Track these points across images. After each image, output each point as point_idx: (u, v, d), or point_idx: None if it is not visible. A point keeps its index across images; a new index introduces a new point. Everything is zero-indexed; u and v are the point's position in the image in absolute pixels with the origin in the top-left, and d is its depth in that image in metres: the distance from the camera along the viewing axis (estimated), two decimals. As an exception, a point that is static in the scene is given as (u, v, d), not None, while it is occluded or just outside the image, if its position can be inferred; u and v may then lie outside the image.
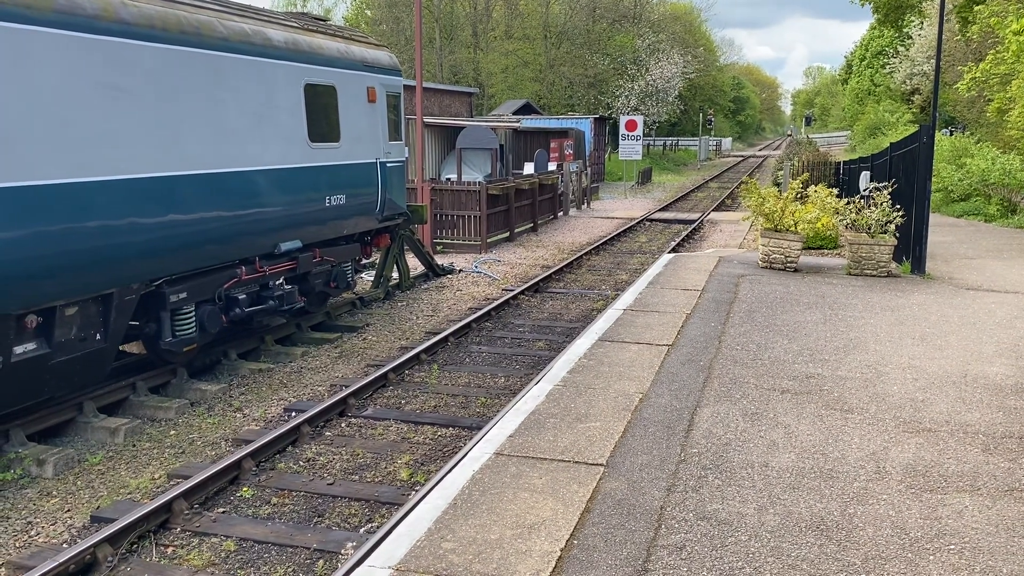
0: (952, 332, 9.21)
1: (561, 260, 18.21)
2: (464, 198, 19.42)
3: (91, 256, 7.54)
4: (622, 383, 7.21)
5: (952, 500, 5.05)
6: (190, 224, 8.76)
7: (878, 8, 22.00)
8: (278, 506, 6.61)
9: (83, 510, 6.60)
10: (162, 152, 8.33)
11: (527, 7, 58.70)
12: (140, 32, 8.02)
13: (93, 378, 8.17)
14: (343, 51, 11.86)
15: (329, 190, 11.36)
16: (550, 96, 55.09)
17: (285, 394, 9.39)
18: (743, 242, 19.90)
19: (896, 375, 7.57)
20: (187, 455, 7.70)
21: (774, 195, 13.79)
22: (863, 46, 77.01)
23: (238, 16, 9.75)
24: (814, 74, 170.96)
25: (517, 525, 4.67)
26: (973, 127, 37.86)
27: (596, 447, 5.78)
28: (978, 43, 31.90)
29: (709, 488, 5.18)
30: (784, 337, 8.87)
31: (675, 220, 26.56)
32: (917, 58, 48.87)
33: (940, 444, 5.93)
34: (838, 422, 6.35)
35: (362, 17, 59.50)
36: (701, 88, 74.02)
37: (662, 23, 62.42)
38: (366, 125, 12.44)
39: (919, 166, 12.66)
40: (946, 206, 24.22)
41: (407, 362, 10.12)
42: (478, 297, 14.55)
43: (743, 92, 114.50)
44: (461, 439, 7.89)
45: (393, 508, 6.43)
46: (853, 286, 11.89)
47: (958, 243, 17.01)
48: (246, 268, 9.92)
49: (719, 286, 11.76)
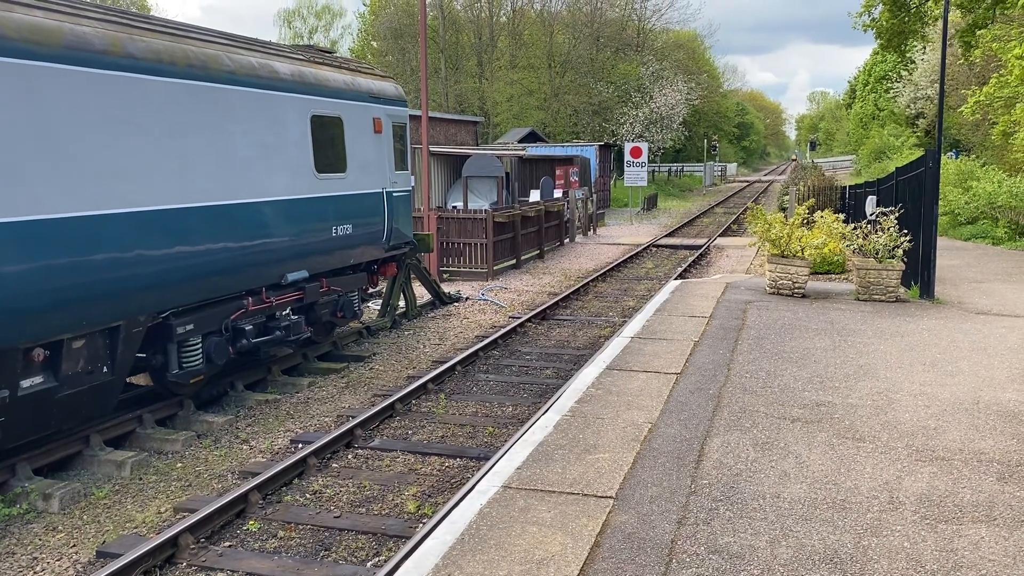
0: (963, 358, 9.14)
1: (568, 287, 18.19)
2: (470, 226, 19.46)
3: (99, 289, 7.55)
4: (631, 413, 7.15)
5: (968, 531, 4.97)
6: (197, 256, 8.78)
7: (880, 34, 22.09)
8: (285, 539, 6.55)
9: (89, 545, 6.54)
10: (169, 184, 8.37)
11: (531, 37, 59.26)
12: (148, 66, 8.09)
13: (100, 411, 8.15)
14: (349, 83, 11.95)
15: (336, 220, 11.39)
16: (555, 124, 55.42)
17: (292, 425, 9.35)
18: (750, 267, 19.86)
19: (907, 402, 7.50)
20: (194, 488, 7.66)
21: (780, 221, 13.77)
22: (866, 71, 77.41)
23: (245, 49, 9.84)
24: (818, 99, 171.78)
25: (525, 561, 4.61)
26: (978, 150, 37.88)
27: (605, 479, 5.72)
28: (981, 67, 32.02)
29: (720, 520, 5.11)
30: (793, 364, 8.81)
31: (681, 246, 26.55)
32: (921, 82, 49.09)
33: (954, 473, 5.85)
34: (850, 451, 6.28)
35: (368, 48, 60.16)
36: (705, 114, 74.44)
37: (665, 51, 62.91)
38: (372, 155, 12.50)
39: (925, 190, 12.64)
40: (953, 229, 24.17)
41: (414, 392, 10.08)
42: (485, 325, 14.52)
43: (747, 118, 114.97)
44: (469, 470, 7.83)
45: (400, 541, 6.36)
46: (862, 312, 11.83)
47: (966, 267, 16.94)
48: (253, 299, 9.92)
49: (727, 313, 11.71)
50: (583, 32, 57.84)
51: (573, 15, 59.03)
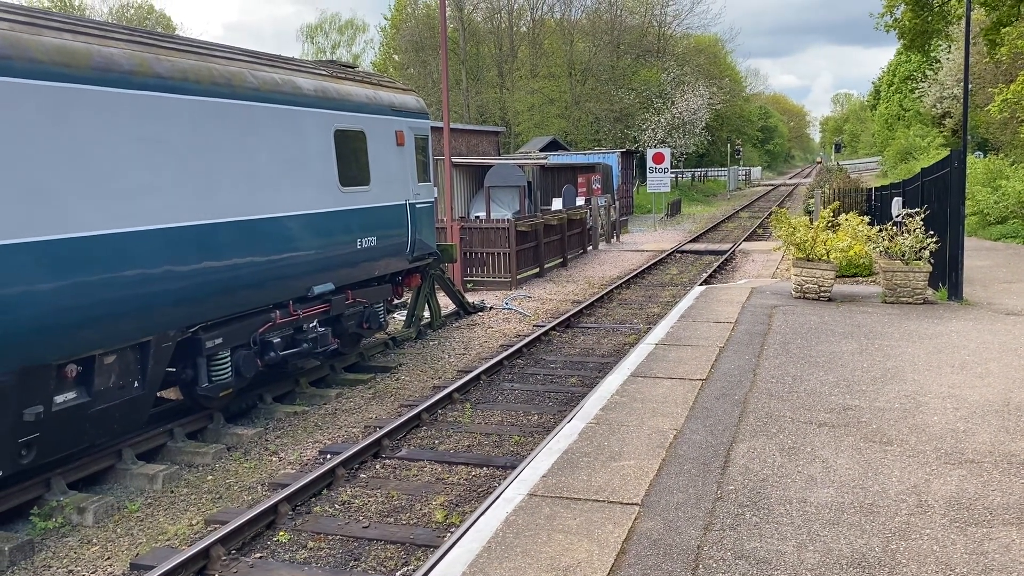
0: (992, 359, 9.03)
1: (592, 295, 18.19)
2: (493, 235, 19.54)
3: (129, 305, 7.69)
4: (656, 419, 7.15)
5: (998, 534, 4.92)
6: (225, 271, 8.91)
7: (903, 34, 21.93)
8: (314, 550, 6.62)
9: (123, 558, 6.65)
10: (197, 201, 8.51)
11: (551, 46, 59.42)
12: (174, 85, 8.25)
13: (132, 425, 8.28)
14: (371, 97, 12.07)
15: (360, 232, 11.50)
16: (576, 132, 55.48)
17: (320, 436, 9.43)
18: (775, 272, 19.73)
19: (936, 405, 7.43)
20: (224, 500, 7.76)
21: (805, 224, 13.70)
22: (891, 71, 76.69)
23: (268, 66, 9.99)
24: (842, 101, 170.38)
25: (552, 568, 4.63)
26: (1007, 148, 37.38)
27: (631, 486, 5.73)
28: (1008, 64, 31.63)
29: (747, 526, 5.10)
30: (820, 368, 8.75)
31: (706, 251, 26.44)
32: (946, 82, 48.55)
33: (984, 476, 5.79)
34: (877, 455, 6.24)
35: (390, 62, 60.67)
36: (728, 118, 74.11)
37: (686, 56, 62.76)
38: (395, 168, 12.61)
39: (951, 191, 12.52)
40: (982, 229, 23.86)
41: (440, 401, 10.13)
42: (509, 334, 14.56)
43: (771, 121, 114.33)
44: (495, 479, 7.86)
45: (429, 551, 6.40)
46: (888, 314, 11.73)
47: (996, 267, 16.72)
48: (280, 312, 10.04)
49: (752, 318, 11.66)
50: (603, 39, 57.93)
51: (593, 23, 59.13)
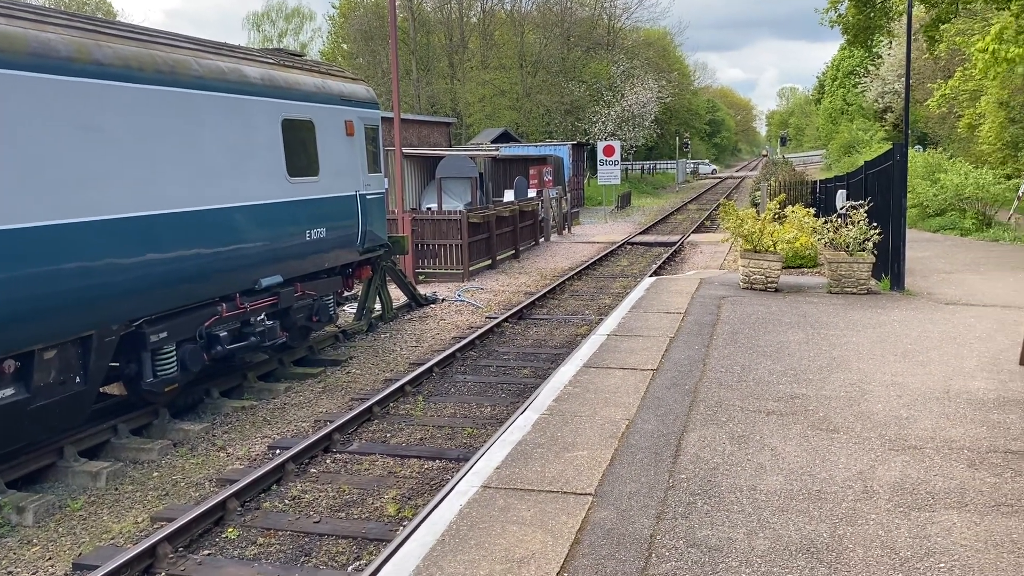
0: (933, 348, 9.28)
1: (544, 286, 18.23)
2: (445, 227, 19.45)
3: (70, 299, 7.47)
4: (608, 410, 7.19)
5: (940, 518, 5.06)
6: (170, 263, 8.71)
7: (847, 29, 22.33)
8: (264, 546, 6.51)
9: (65, 558, 6.47)
10: (140, 192, 8.30)
11: (502, 37, 59.30)
12: (115, 72, 8.01)
13: (73, 422, 8.06)
14: (320, 86, 11.90)
15: (309, 224, 11.34)
16: (528, 124, 55.48)
17: (269, 431, 9.29)
18: (724, 263, 20.01)
19: (880, 393, 7.60)
20: (171, 497, 7.59)
21: (752, 216, 13.89)
22: (834, 66, 78.29)
23: (213, 54, 9.77)
24: (787, 95, 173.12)
25: (506, 560, 4.62)
26: (945, 143, 38.45)
27: (584, 476, 5.75)
28: (946, 61, 32.50)
29: (698, 514, 5.15)
30: (767, 358, 8.89)
31: (656, 243, 26.70)
32: (888, 77, 49.73)
33: (926, 461, 5.95)
34: (824, 442, 6.36)
35: (339, 51, 59.88)
36: (677, 112, 74.83)
37: (636, 49, 63.17)
38: (345, 158, 12.46)
39: (894, 183, 12.81)
40: (922, 221, 24.51)
41: (392, 394, 10.06)
42: (462, 326, 14.52)
43: (718, 115, 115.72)
44: (448, 471, 7.83)
45: (381, 545, 6.35)
46: (834, 304, 11.97)
47: (936, 258, 17.19)
48: (227, 305, 9.85)
49: (701, 308, 11.80)
50: (553, 32, 57.96)
51: (543, 15, 59.11)
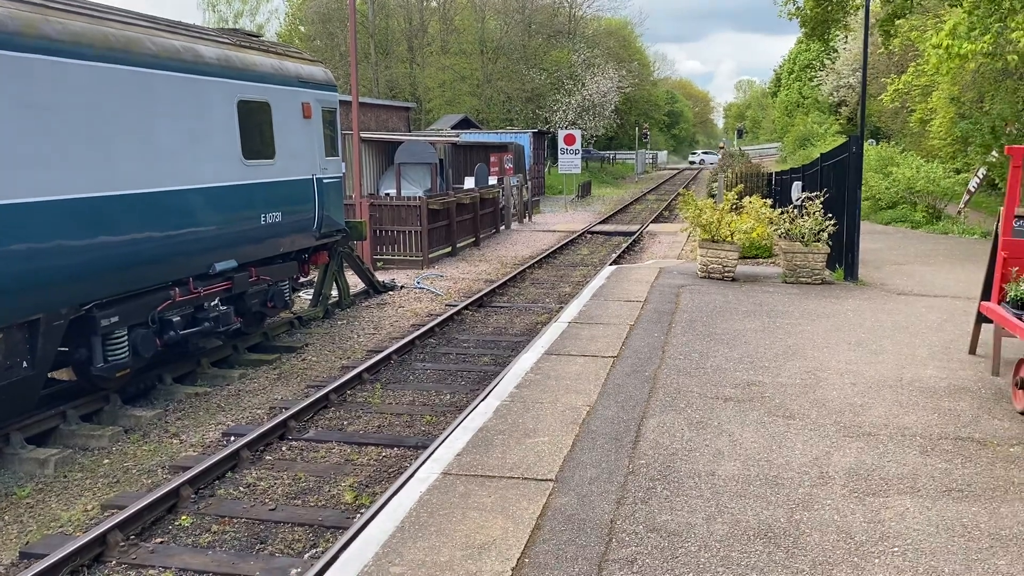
0: (886, 337, 9.45)
1: (504, 274, 18.20)
2: (404, 213, 19.30)
3: (16, 281, 7.24)
4: (569, 396, 7.20)
5: (894, 503, 5.15)
6: (121, 246, 8.49)
7: (805, 23, 22.57)
8: (219, 534, 6.40)
9: (11, 546, 6.29)
10: (91, 172, 8.06)
11: (463, 23, 58.95)
12: (65, 49, 7.76)
13: (20, 408, 7.83)
14: (277, 67, 11.68)
15: (264, 208, 11.15)
16: (488, 111, 55.32)
17: (223, 418, 9.14)
18: (682, 253, 20.18)
19: (835, 380, 7.72)
20: (122, 484, 7.43)
21: (710, 206, 14.01)
22: (791, 60, 79.21)
23: (168, 32, 9.53)
24: (744, 87, 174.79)
25: (467, 546, 4.60)
26: (897, 136, 39.20)
27: (545, 462, 5.74)
28: (900, 56, 33.09)
29: (658, 499, 5.18)
30: (725, 346, 8.98)
31: (615, 232, 26.82)
32: (843, 71, 50.53)
33: (880, 448, 6.05)
34: (781, 429, 6.43)
35: (296, 33, 58.96)
36: (636, 102, 75.22)
37: (597, 38, 63.34)
38: (302, 141, 12.26)
39: (849, 175, 13.00)
40: (875, 214, 24.97)
41: (349, 382, 9.95)
42: (421, 313, 14.43)
43: (677, 106, 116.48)
44: (407, 459, 7.78)
45: (338, 532, 6.28)
46: (789, 294, 12.13)
47: (888, 249, 17.52)
48: (180, 289, 9.65)
49: (661, 297, 11.88)
50: (514, 18, 57.81)
51: (505, 1, 58.89)
